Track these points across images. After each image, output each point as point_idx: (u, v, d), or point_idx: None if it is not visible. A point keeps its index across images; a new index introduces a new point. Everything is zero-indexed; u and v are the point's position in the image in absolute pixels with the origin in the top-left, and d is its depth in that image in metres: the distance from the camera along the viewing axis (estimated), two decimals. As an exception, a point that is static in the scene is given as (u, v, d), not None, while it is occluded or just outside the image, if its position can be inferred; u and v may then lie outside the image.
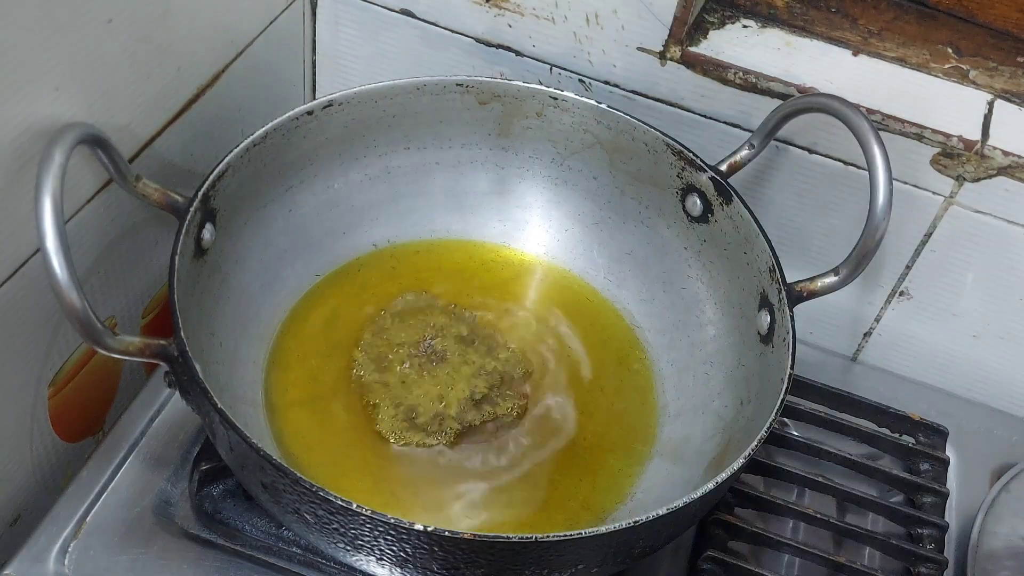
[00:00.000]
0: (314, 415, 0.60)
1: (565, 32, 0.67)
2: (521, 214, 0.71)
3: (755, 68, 0.65)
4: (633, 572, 0.58)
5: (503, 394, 0.63)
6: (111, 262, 0.60)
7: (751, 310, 0.60)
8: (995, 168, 0.64)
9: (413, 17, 0.70)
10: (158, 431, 0.62)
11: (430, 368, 0.63)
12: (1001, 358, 0.73)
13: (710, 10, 0.68)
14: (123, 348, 0.48)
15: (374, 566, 0.49)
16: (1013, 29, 0.67)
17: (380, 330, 0.65)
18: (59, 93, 0.50)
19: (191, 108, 0.62)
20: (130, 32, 0.54)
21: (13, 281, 0.52)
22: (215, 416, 0.47)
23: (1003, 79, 0.67)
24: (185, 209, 0.54)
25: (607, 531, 0.46)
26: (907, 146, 0.64)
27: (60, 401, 0.60)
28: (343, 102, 0.63)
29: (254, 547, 0.56)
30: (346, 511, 0.44)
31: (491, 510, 0.58)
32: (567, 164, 0.69)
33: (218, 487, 0.57)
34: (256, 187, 0.61)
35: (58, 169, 0.45)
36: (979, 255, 0.68)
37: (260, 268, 0.63)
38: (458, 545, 0.45)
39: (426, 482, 0.58)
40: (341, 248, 0.68)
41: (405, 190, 0.69)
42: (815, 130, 0.65)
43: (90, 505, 0.58)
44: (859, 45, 0.67)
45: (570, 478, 0.60)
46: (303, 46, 0.75)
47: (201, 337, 0.55)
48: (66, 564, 0.55)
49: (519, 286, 0.69)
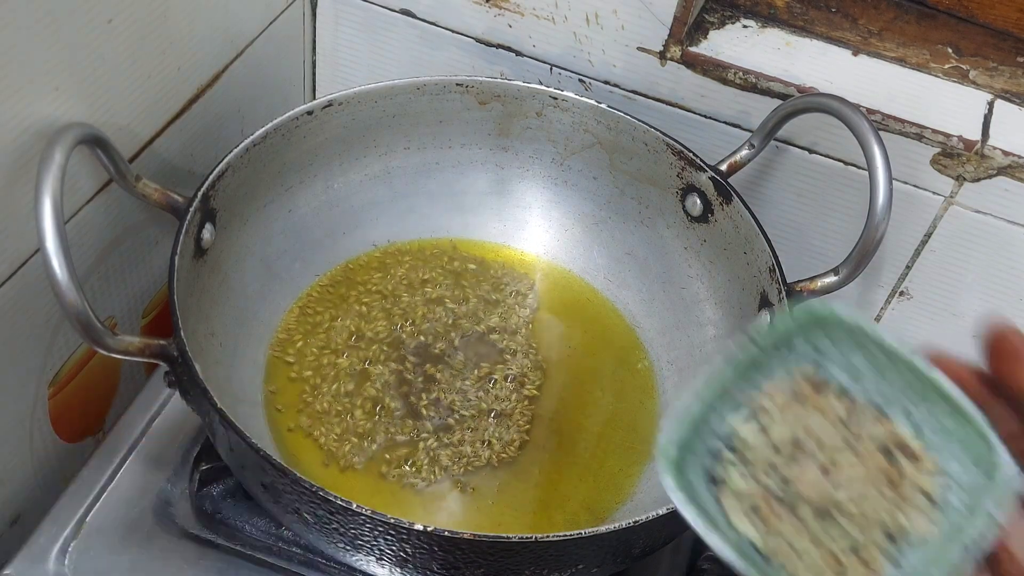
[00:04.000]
0: (314, 415, 0.60)
1: (565, 32, 0.67)
2: (521, 214, 0.71)
3: (755, 68, 0.65)
4: (633, 572, 0.58)
5: (504, 394, 0.63)
6: (111, 262, 0.60)
7: (751, 310, 0.60)
8: (995, 168, 0.64)
9: (413, 17, 0.70)
10: (158, 431, 0.62)
11: (430, 368, 0.63)
12: (1001, 358, 0.73)
13: (710, 10, 0.68)
14: (123, 348, 0.48)
15: (374, 566, 0.49)
16: (1013, 29, 0.67)
17: (380, 330, 0.65)
18: (59, 93, 0.50)
19: (191, 108, 0.62)
20: (130, 32, 0.54)
21: (13, 281, 0.52)
22: (215, 416, 0.47)
23: (1003, 79, 0.67)
24: (185, 209, 0.54)
25: (607, 531, 0.46)
26: (907, 146, 0.64)
27: (60, 401, 0.60)
28: (343, 102, 0.63)
29: (254, 547, 0.56)
30: (346, 511, 0.44)
31: (491, 510, 0.58)
32: (567, 164, 0.69)
33: (218, 487, 0.57)
34: (256, 187, 0.61)
35: (58, 169, 0.45)
36: (979, 255, 0.68)
37: (260, 268, 0.63)
38: (458, 545, 0.45)
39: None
40: (341, 248, 0.68)
41: (405, 190, 0.69)
42: (815, 130, 0.65)
43: (90, 505, 0.58)
44: (859, 45, 0.67)
45: (570, 478, 0.60)
46: (303, 46, 0.75)
47: (201, 337, 0.55)
48: (66, 564, 0.55)
49: (519, 286, 0.69)
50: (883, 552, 0.28)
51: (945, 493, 0.29)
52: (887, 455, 0.29)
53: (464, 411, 0.61)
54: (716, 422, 0.30)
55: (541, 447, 0.61)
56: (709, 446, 0.29)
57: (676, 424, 0.29)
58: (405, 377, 0.63)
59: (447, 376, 0.63)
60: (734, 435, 0.29)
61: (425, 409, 0.61)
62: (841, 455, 0.28)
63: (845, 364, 0.30)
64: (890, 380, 0.29)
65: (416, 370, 0.63)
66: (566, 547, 0.46)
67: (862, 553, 0.28)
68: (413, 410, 0.61)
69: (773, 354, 0.30)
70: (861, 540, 0.28)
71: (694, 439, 0.29)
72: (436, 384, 0.62)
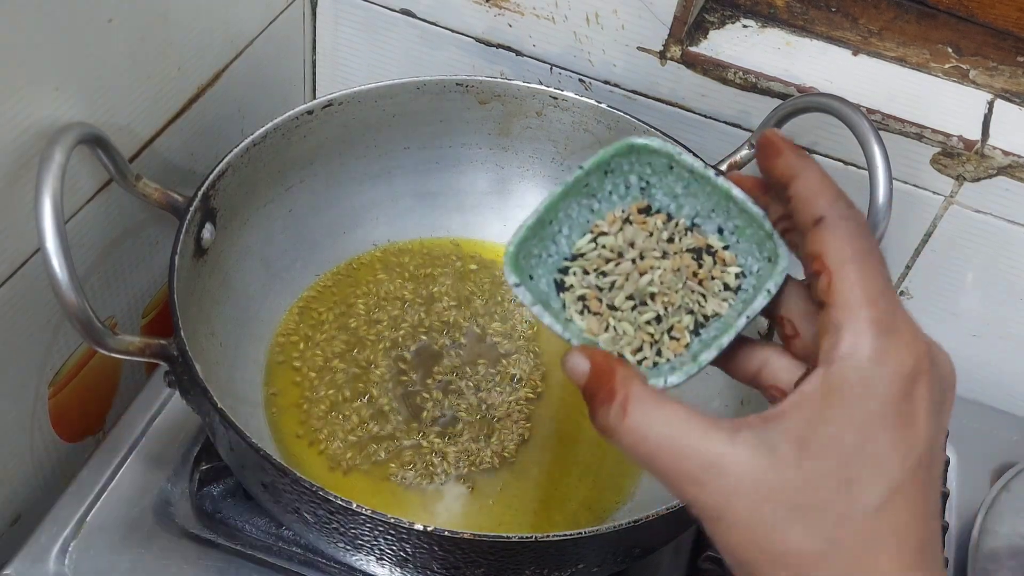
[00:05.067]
0: (314, 415, 0.60)
1: (565, 32, 0.67)
2: (521, 214, 0.70)
3: (755, 68, 0.65)
4: (633, 572, 0.58)
5: (504, 394, 0.63)
6: (111, 262, 0.60)
7: (751, 310, 0.60)
8: (995, 168, 0.64)
9: (413, 17, 0.70)
10: (158, 431, 0.62)
11: (431, 368, 0.63)
12: (1001, 358, 0.73)
13: (710, 10, 0.68)
14: (123, 348, 0.48)
15: (374, 566, 0.49)
16: (1013, 29, 0.67)
17: (381, 329, 0.65)
18: (59, 93, 0.50)
19: (191, 108, 0.62)
20: (130, 32, 0.54)
21: (13, 281, 0.52)
22: (215, 416, 0.47)
23: (1003, 79, 0.67)
24: (185, 209, 0.54)
25: (607, 531, 0.46)
26: (907, 146, 0.64)
27: (60, 401, 0.60)
28: (343, 102, 0.63)
29: (254, 547, 0.56)
30: (346, 511, 0.44)
31: (491, 510, 0.58)
32: (567, 164, 0.69)
33: (218, 487, 0.57)
34: (256, 187, 0.61)
35: (58, 169, 0.45)
36: (979, 255, 0.68)
37: (260, 268, 0.63)
38: (458, 545, 0.45)
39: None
40: (341, 248, 0.68)
41: (405, 190, 0.69)
42: (815, 130, 0.65)
43: (90, 505, 0.58)
44: (859, 45, 0.67)
45: (570, 478, 0.60)
46: (303, 46, 0.75)
47: (201, 337, 0.55)
48: (66, 564, 0.55)
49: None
50: (688, 329, 0.37)
51: (740, 282, 0.37)
52: (697, 258, 0.37)
53: (464, 411, 0.61)
54: (567, 245, 0.38)
55: (541, 447, 0.61)
56: (559, 264, 0.38)
57: (516, 231, 0.37)
58: (405, 377, 0.63)
59: (447, 376, 0.63)
60: (577, 252, 0.38)
61: (425, 409, 0.61)
62: (657, 260, 0.37)
63: (668, 190, 0.38)
64: (700, 197, 0.38)
65: (416, 370, 0.63)
66: (566, 547, 0.46)
67: (673, 332, 0.37)
68: (413, 410, 0.61)
69: (604, 179, 0.38)
70: (671, 322, 0.36)
71: (538, 245, 0.38)
72: (436, 384, 0.62)
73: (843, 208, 0.33)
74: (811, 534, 0.31)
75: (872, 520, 0.30)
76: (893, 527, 0.31)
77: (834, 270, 0.32)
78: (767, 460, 0.31)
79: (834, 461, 0.31)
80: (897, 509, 0.31)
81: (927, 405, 0.31)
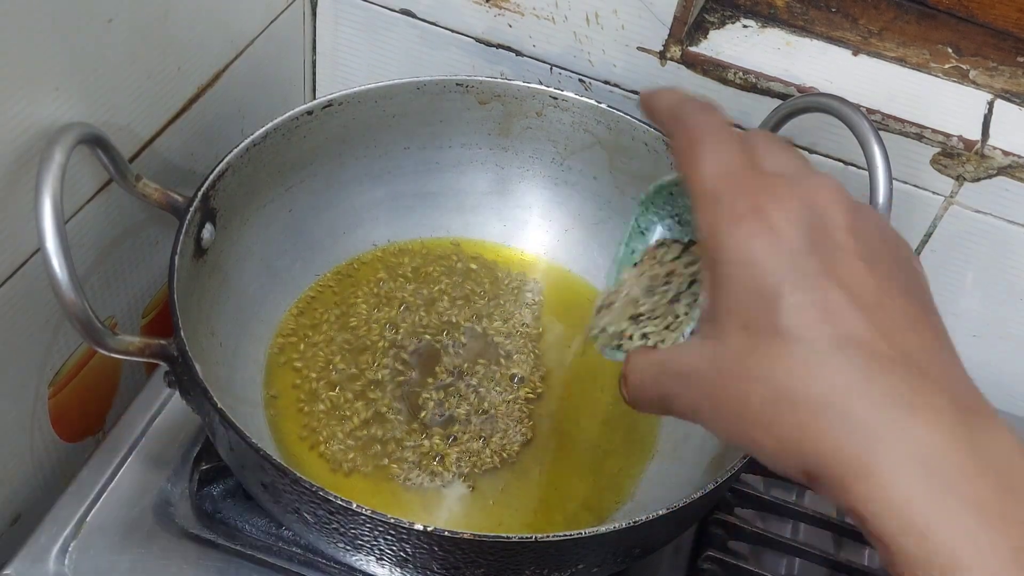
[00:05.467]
0: (314, 415, 0.60)
1: (565, 32, 0.67)
2: (521, 214, 0.71)
3: (755, 68, 0.65)
4: (633, 572, 0.58)
5: (504, 394, 0.63)
6: (111, 262, 0.60)
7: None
8: (995, 168, 0.64)
9: (413, 17, 0.70)
10: (158, 431, 0.62)
11: (431, 368, 0.63)
12: (1001, 358, 0.73)
13: (710, 10, 0.68)
14: (123, 348, 0.48)
15: (374, 566, 0.49)
16: (1013, 29, 0.67)
17: (381, 329, 0.65)
18: (59, 93, 0.50)
19: (191, 108, 0.62)
20: (130, 32, 0.54)
21: (13, 281, 0.52)
22: (215, 416, 0.47)
23: (1003, 79, 0.67)
24: (185, 209, 0.54)
25: (607, 531, 0.46)
26: (907, 146, 0.64)
27: (60, 401, 0.60)
28: (343, 102, 0.63)
29: (254, 547, 0.56)
30: (346, 511, 0.44)
31: (491, 510, 0.58)
32: (567, 164, 0.69)
33: (218, 487, 0.57)
34: (256, 187, 0.61)
35: (58, 169, 0.45)
36: (979, 255, 0.68)
37: (260, 268, 0.63)
38: (458, 545, 0.45)
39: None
40: (341, 248, 0.68)
41: (405, 190, 0.69)
42: (815, 130, 0.65)
43: (90, 505, 0.58)
44: (859, 45, 0.67)
45: (570, 478, 0.60)
46: (303, 46, 0.75)
47: (201, 337, 0.55)
48: (66, 564, 0.55)
49: (520, 286, 0.69)
50: (677, 328, 0.42)
51: None
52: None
53: (464, 411, 0.61)
54: (641, 251, 0.47)
55: (541, 447, 0.61)
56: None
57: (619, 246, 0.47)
58: (405, 377, 0.63)
59: (447, 376, 0.63)
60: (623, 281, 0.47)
61: (426, 409, 0.61)
62: (660, 285, 0.45)
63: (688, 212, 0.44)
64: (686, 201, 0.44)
65: (416, 370, 0.63)
66: (566, 547, 0.46)
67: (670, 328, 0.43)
68: (413, 410, 0.61)
69: (651, 215, 0.46)
70: (665, 323, 0.43)
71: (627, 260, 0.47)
72: (437, 384, 0.62)
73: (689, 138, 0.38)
74: (759, 388, 0.34)
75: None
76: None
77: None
78: (712, 343, 0.36)
79: (740, 319, 0.35)
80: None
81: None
